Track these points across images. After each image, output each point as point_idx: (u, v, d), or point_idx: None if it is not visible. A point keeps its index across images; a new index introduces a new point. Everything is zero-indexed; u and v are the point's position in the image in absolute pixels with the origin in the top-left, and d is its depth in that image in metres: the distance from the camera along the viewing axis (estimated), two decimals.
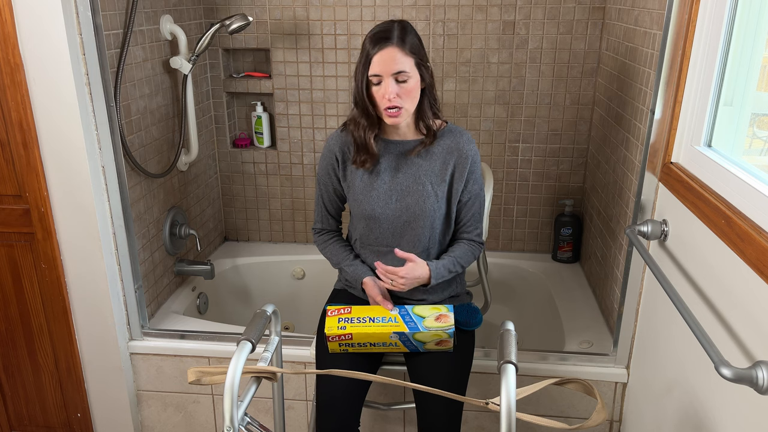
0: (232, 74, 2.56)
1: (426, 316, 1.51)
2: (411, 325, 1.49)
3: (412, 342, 1.50)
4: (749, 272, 1.08)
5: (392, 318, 1.52)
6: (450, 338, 1.49)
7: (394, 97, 1.45)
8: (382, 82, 1.46)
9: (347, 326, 1.50)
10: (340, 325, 1.50)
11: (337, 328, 1.50)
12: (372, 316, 1.52)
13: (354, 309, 1.55)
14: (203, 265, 2.28)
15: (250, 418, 1.35)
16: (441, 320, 1.50)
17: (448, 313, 1.51)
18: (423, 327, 1.49)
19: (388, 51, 1.44)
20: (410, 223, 1.58)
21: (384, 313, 1.53)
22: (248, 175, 2.64)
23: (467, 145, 1.58)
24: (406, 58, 1.45)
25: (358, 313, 1.54)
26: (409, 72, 1.46)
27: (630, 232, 1.53)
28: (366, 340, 1.50)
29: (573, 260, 2.51)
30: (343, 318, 1.52)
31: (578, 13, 2.28)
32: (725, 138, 1.36)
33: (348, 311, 1.54)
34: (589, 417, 1.38)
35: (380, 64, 1.45)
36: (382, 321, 1.51)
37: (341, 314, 1.54)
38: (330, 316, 1.53)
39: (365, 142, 1.56)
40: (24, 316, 1.91)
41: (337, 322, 1.51)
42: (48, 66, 1.63)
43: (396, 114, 1.48)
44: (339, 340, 1.50)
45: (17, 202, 1.79)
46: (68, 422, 2.05)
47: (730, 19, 1.32)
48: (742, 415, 1.10)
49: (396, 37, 1.45)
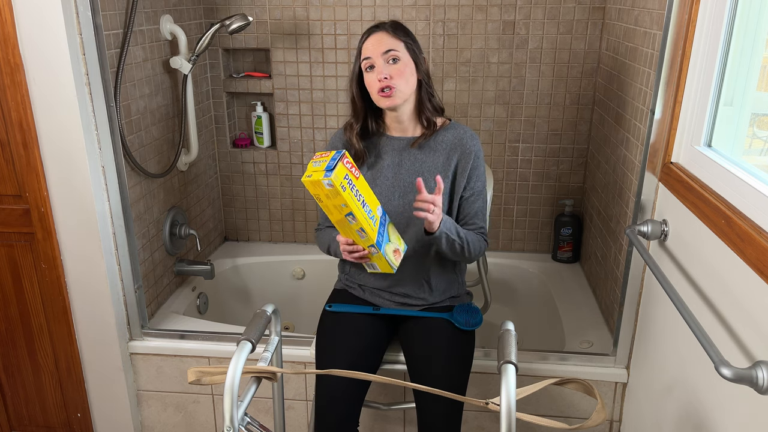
0: (232, 74, 2.56)
1: (391, 241, 1.45)
2: (379, 238, 1.41)
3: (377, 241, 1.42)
4: (749, 272, 1.08)
5: (374, 218, 1.40)
6: (396, 266, 1.46)
7: (385, 77, 1.47)
8: (374, 66, 1.49)
9: (346, 189, 1.33)
10: (342, 183, 1.32)
11: (339, 183, 1.31)
12: (365, 201, 1.39)
13: (361, 178, 1.39)
14: (203, 265, 2.28)
15: (250, 418, 1.35)
16: (396, 255, 1.46)
17: (402, 253, 1.47)
18: (383, 250, 1.42)
19: (378, 35, 1.51)
20: (413, 219, 1.58)
21: (374, 207, 1.42)
22: (248, 175, 2.64)
23: (470, 141, 1.59)
24: (396, 41, 1.51)
25: (361, 185, 1.39)
26: (399, 52, 1.50)
27: (630, 232, 1.53)
28: (350, 208, 1.35)
29: (573, 260, 2.51)
30: (350, 179, 1.35)
31: (578, 13, 2.28)
32: (725, 138, 1.36)
33: (357, 176, 1.38)
34: (589, 417, 1.38)
35: (370, 48, 1.50)
36: (367, 213, 1.38)
37: (352, 173, 1.36)
38: (343, 165, 1.34)
39: (350, 139, 1.59)
40: (24, 316, 1.91)
41: (343, 177, 1.32)
42: (48, 66, 1.63)
43: (389, 94, 1.49)
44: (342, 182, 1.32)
45: (17, 202, 1.79)
46: (68, 422, 2.05)
47: (730, 19, 1.32)
48: (742, 415, 1.10)
49: (385, 25, 1.53)
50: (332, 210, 1.37)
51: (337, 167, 1.31)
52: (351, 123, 1.61)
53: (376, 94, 1.51)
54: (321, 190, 1.32)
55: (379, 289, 1.65)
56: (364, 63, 1.51)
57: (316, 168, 1.34)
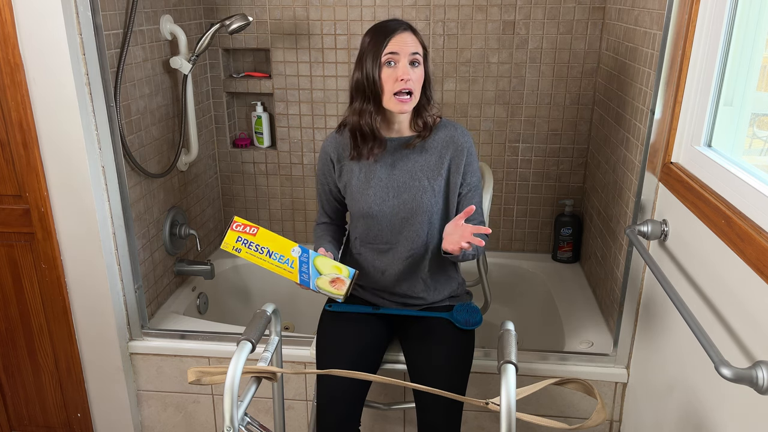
0: (232, 74, 2.56)
1: (323, 274, 1.45)
2: (303, 277, 1.45)
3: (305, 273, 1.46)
4: (749, 272, 1.08)
5: (290, 261, 1.45)
6: (341, 294, 1.46)
7: (408, 78, 1.46)
8: (397, 63, 1.47)
9: (243, 249, 1.45)
10: (236, 246, 1.45)
11: (232, 247, 1.45)
12: (272, 250, 1.46)
13: (259, 233, 1.47)
14: (203, 265, 2.28)
15: (250, 418, 1.35)
16: (335, 285, 1.46)
17: (346, 279, 1.46)
18: (314, 285, 1.45)
19: (406, 34, 1.49)
20: (408, 219, 1.58)
21: (286, 251, 1.45)
22: (248, 175, 2.64)
23: (462, 137, 1.58)
24: (419, 46, 1.50)
25: (261, 239, 1.46)
26: (420, 58, 1.49)
27: (630, 232, 1.53)
28: (259, 263, 1.45)
29: (573, 260, 2.51)
30: (244, 239, 1.45)
31: (578, 13, 2.28)
32: (725, 138, 1.37)
33: (254, 232, 1.47)
34: (589, 417, 1.38)
35: (398, 44, 1.47)
36: (278, 260, 1.45)
37: (245, 233, 1.46)
38: (233, 230, 1.45)
39: (372, 126, 1.53)
40: (24, 316, 1.91)
41: (234, 241, 1.45)
42: (48, 66, 1.63)
43: (407, 100, 1.49)
44: (235, 246, 1.45)
45: (17, 202, 1.79)
46: (68, 422, 2.05)
47: (730, 19, 1.32)
48: (742, 415, 1.10)
49: (408, 26, 1.51)
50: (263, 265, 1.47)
51: (226, 235, 1.46)
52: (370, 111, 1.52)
53: (391, 95, 1.48)
54: (234, 252, 1.47)
55: (378, 289, 1.65)
56: (388, 57, 1.46)
57: None
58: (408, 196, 1.57)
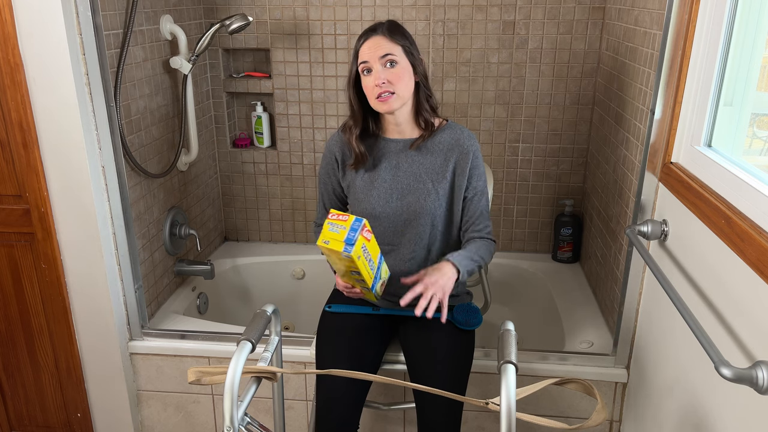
0: (232, 74, 2.56)
1: (381, 278, 1.48)
2: (374, 282, 1.45)
3: None
4: (749, 272, 1.08)
5: (374, 268, 1.42)
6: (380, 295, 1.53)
7: (383, 82, 1.47)
8: (371, 70, 1.48)
9: (361, 257, 1.35)
10: (359, 254, 1.34)
11: (356, 255, 1.33)
12: (372, 257, 1.40)
13: (372, 242, 1.40)
14: (203, 265, 2.28)
15: (250, 418, 1.35)
16: (382, 287, 1.52)
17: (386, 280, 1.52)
18: (374, 289, 1.47)
19: (374, 39, 1.49)
20: (411, 221, 1.58)
21: (375, 257, 1.43)
22: (248, 175, 2.64)
23: (468, 140, 1.58)
24: (393, 45, 1.49)
25: (371, 247, 1.39)
26: (396, 56, 1.48)
27: (630, 232, 1.53)
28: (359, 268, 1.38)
29: (573, 260, 2.51)
30: (364, 246, 1.36)
31: (578, 13, 2.28)
32: (725, 138, 1.36)
33: (369, 238, 1.39)
34: (589, 417, 1.38)
35: (367, 52, 1.49)
36: (371, 267, 1.41)
37: (366, 239, 1.37)
38: (362, 236, 1.34)
39: (350, 142, 1.58)
40: (24, 316, 1.91)
41: (360, 248, 1.35)
42: (48, 66, 1.63)
43: (387, 99, 1.49)
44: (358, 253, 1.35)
45: (17, 202, 1.79)
46: (68, 422, 2.05)
47: (730, 19, 1.32)
48: (742, 415, 1.10)
49: (382, 28, 1.51)
50: (339, 265, 1.42)
51: (357, 241, 1.33)
52: (350, 125, 1.60)
53: (373, 99, 1.50)
54: (336, 255, 1.36)
55: None
56: (361, 67, 1.50)
57: (334, 234, 1.34)
58: (412, 199, 1.57)
